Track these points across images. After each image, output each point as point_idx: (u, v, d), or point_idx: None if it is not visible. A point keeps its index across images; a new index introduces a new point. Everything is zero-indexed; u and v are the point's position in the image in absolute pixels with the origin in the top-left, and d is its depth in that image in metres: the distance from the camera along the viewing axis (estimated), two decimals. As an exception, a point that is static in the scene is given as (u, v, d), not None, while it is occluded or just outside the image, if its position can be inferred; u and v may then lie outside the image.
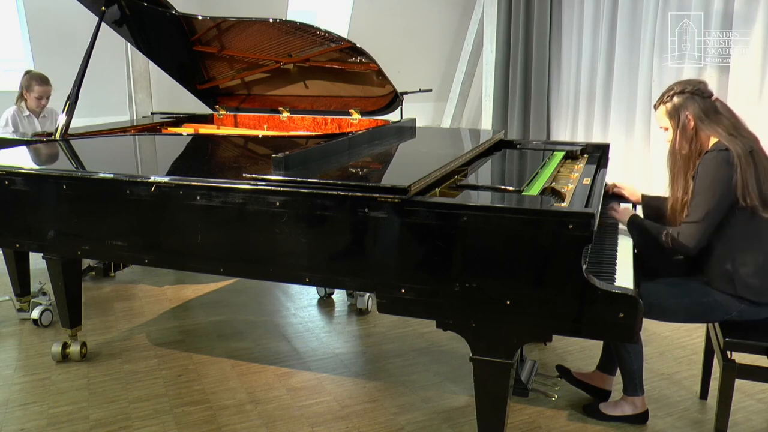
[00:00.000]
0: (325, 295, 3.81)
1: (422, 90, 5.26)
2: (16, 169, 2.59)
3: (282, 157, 2.23)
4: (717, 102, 2.26)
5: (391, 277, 1.97)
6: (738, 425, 2.41)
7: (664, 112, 2.29)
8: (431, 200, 1.94)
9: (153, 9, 3.40)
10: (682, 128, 2.24)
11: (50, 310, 3.37)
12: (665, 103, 2.28)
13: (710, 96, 2.25)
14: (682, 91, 2.25)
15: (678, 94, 2.25)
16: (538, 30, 5.81)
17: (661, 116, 2.32)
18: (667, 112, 2.28)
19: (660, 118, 2.33)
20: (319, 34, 3.28)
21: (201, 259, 2.32)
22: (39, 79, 3.84)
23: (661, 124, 2.35)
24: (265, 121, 4.03)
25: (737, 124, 2.21)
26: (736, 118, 2.23)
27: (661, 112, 2.31)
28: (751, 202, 2.08)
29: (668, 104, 2.27)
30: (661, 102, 2.31)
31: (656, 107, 2.35)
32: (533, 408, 2.54)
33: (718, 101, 2.27)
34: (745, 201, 2.08)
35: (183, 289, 3.94)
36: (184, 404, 2.59)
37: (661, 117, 2.32)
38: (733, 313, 2.16)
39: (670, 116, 2.27)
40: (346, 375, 2.86)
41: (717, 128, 2.19)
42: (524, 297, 1.85)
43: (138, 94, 5.31)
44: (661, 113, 2.31)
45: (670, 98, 2.26)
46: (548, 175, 2.46)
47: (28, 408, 2.57)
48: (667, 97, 2.28)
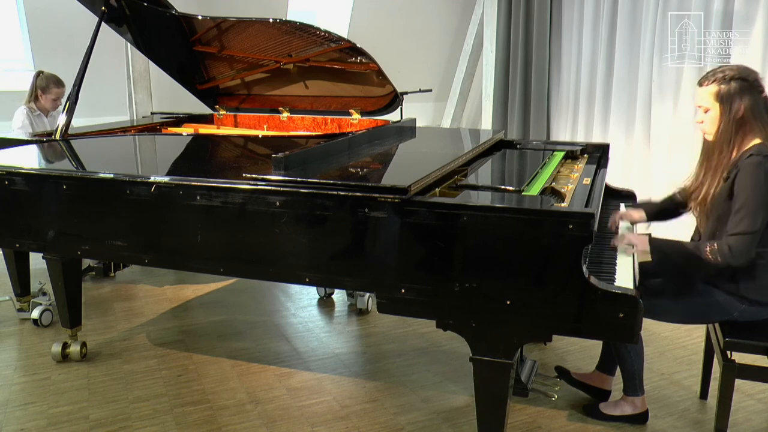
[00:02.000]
0: (325, 295, 3.81)
1: (422, 90, 5.26)
2: (16, 169, 2.59)
3: (282, 157, 2.23)
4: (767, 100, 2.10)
5: (391, 277, 1.97)
6: (738, 425, 2.41)
7: (714, 92, 2.07)
8: (431, 200, 1.94)
9: (153, 9, 3.40)
10: (732, 117, 2.05)
11: (50, 310, 3.37)
12: (719, 84, 2.06)
13: (763, 91, 2.08)
14: (743, 78, 2.04)
15: (737, 80, 2.04)
16: (538, 30, 5.80)
17: (707, 96, 2.09)
18: (719, 94, 2.06)
19: (704, 97, 2.10)
20: (319, 34, 3.28)
21: (201, 259, 2.32)
22: (56, 81, 3.91)
23: (702, 103, 2.12)
24: (265, 121, 4.03)
25: None
26: None
27: (710, 92, 2.08)
28: None
29: (723, 86, 2.05)
30: (714, 80, 2.08)
31: (703, 84, 2.12)
32: (533, 408, 2.54)
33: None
34: None
35: (183, 289, 3.94)
36: (184, 404, 2.59)
37: (706, 97, 2.10)
38: (734, 313, 2.16)
39: (721, 100, 2.06)
40: (346, 375, 2.86)
41: (766, 128, 2.04)
42: (524, 297, 1.85)
43: (138, 94, 5.31)
44: (710, 93, 2.08)
45: (727, 81, 2.04)
46: (548, 175, 2.46)
47: (28, 408, 2.57)
48: (724, 79, 2.05)
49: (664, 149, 4.82)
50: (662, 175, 4.81)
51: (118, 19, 3.58)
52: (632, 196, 2.94)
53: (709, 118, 2.13)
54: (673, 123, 4.77)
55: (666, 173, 4.74)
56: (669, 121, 4.80)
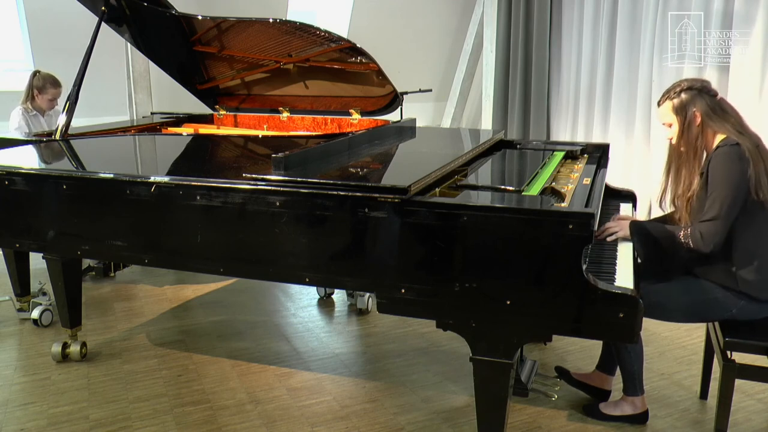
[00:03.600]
0: (325, 295, 3.81)
1: (422, 90, 5.26)
2: (16, 169, 2.59)
3: (282, 157, 2.23)
4: (722, 101, 2.26)
5: (391, 277, 1.97)
6: (738, 425, 2.41)
7: (670, 108, 2.26)
8: (431, 200, 1.94)
9: (153, 9, 3.40)
10: (689, 124, 2.23)
11: (50, 310, 3.37)
12: (672, 99, 2.25)
13: (716, 95, 2.25)
14: (690, 88, 2.23)
15: (685, 91, 2.23)
16: (538, 30, 5.81)
17: (666, 112, 2.29)
18: (674, 107, 2.25)
19: (664, 114, 2.30)
20: (319, 34, 3.28)
21: (201, 259, 2.32)
22: (53, 82, 3.90)
23: (664, 121, 2.32)
24: (265, 121, 4.03)
25: (742, 122, 2.22)
26: (740, 117, 2.23)
27: (667, 108, 2.28)
28: (764, 196, 2.08)
29: (675, 100, 2.24)
30: (667, 98, 2.28)
31: (660, 103, 2.32)
32: (533, 408, 2.54)
33: (723, 100, 2.26)
34: (757, 195, 2.08)
35: (183, 289, 3.94)
36: (184, 404, 2.59)
37: (665, 113, 2.29)
38: (733, 310, 2.16)
39: (677, 112, 2.24)
40: (346, 375, 2.86)
41: (725, 125, 2.19)
42: (524, 297, 1.85)
43: (138, 94, 5.32)
44: (667, 109, 2.28)
45: (677, 94, 2.24)
46: (548, 175, 2.46)
47: (28, 408, 2.57)
48: (674, 93, 2.25)
49: (664, 149, 4.81)
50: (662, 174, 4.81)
51: (118, 19, 3.58)
52: (632, 196, 2.94)
53: (674, 132, 2.29)
54: (673, 123, 4.77)
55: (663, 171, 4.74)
56: (669, 121, 4.79)
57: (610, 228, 2.35)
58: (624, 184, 3.11)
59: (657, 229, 2.26)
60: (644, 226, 2.31)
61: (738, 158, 2.10)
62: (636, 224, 2.31)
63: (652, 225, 2.33)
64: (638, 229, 2.29)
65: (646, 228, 2.29)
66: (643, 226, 2.30)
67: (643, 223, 2.34)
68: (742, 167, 2.09)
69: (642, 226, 2.30)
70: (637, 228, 2.29)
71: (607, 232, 2.34)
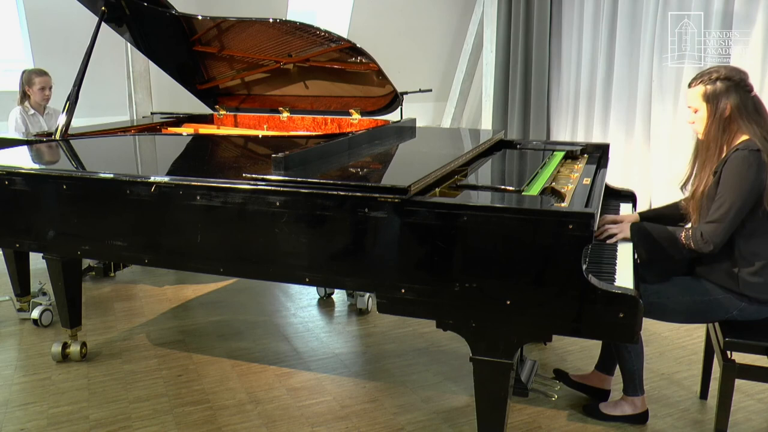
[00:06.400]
0: (325, 295, 3.81)
1: (422, 90, 5.26)
2: (16, 169, 2.59)
3: (282, 157, 2.23)
4: (757, 100, 2.15)
5: (391, 277, 1.97)
6: (738, 425, 2.41)
7: (701, 93, 2.14)
8: (431, 200, 1.94)
9: (153, 9, 3.40)
10: (719, 116, 2.12)
11: (50, 310, 3.37)
12: (705, 84, 2.13)
13: (751, 90, 2.14)
14: (727, 78, 2.11)
15: (722, 80, 2.11)
16: (538, 30, 5.81)
17: (696, 96, 2.17)
18: (705, 94, 2.13)
19: (693, 98, 2.18)
20: (319, 34, 3.28)
21: (201, 259, 2.32)
22: (37, 72, 3.90)
23: (691, 104, 2.20)
24: (265, 121, 4.03)
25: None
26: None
27: (698, 93, 2.16)
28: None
29: (708, 86, 2.12)
30: (701, 81, 2.15)
31: (692, 85, 2.19)
32: (533, 408, 2.54)
33: (758, 100, 2.16)
34: None
35: (183, 289, 3.94)
36: (184, 404, 2.59)
37: (695, 97, 2.17)
38: (734, 311, 2.16)
39: (708, 99, 2.13)
40: (346, 375, 2.86)
41: (753, 127, 2.09)
42: (524, 297, 1.85)
43: (138, 94, 5.32)
44: (697, 93, 2.16)
45: (713, 81, 2.12)
46: (548, 175, 2.46)
47: (28, 408, 2.57)
48: (709, 79, 2.13)
49: (664, 149, 4.83)
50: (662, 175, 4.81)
51: (118, 19, 3.58)
52: (632, 196, 2.94)
53: (698, 118, 2.20)
54: (673, 123, 4.78)
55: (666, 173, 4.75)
56: (669, 121, 4.80)
57: (609, 230, 2.34)
58: (624, 184, 3.11)
59: (658, 231, 2.24)
60: (645, 227, 2.29)
61: (756, 165, 2.04)
62: (637, 226, 2.29)
63: (652, 226, 2.30)
64: (639, 231, 2.27)
65: (647, 230, 2.27)
66: (644, 228, 2.28)
67: (644, 225, 2.32)
68: (758, 175, 2.04)
69: (643, 228, 2.28)
70: (638, 230, 2.27)
71: (607, 233, 2.33)
